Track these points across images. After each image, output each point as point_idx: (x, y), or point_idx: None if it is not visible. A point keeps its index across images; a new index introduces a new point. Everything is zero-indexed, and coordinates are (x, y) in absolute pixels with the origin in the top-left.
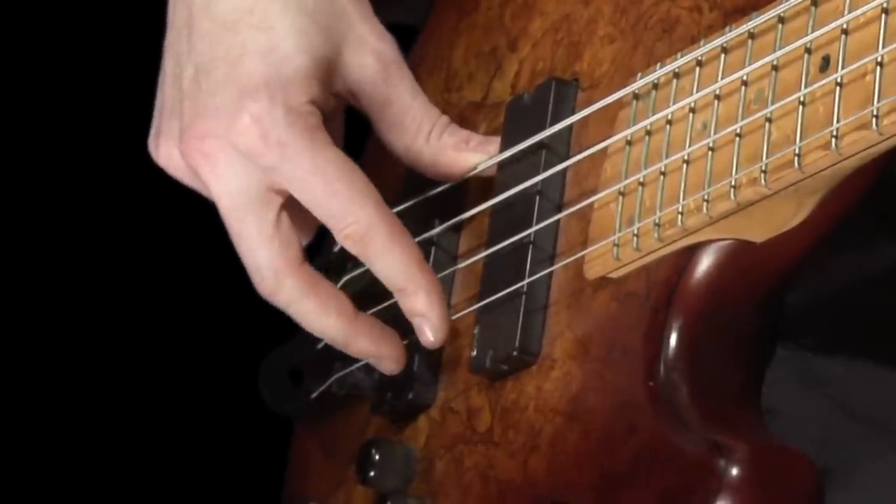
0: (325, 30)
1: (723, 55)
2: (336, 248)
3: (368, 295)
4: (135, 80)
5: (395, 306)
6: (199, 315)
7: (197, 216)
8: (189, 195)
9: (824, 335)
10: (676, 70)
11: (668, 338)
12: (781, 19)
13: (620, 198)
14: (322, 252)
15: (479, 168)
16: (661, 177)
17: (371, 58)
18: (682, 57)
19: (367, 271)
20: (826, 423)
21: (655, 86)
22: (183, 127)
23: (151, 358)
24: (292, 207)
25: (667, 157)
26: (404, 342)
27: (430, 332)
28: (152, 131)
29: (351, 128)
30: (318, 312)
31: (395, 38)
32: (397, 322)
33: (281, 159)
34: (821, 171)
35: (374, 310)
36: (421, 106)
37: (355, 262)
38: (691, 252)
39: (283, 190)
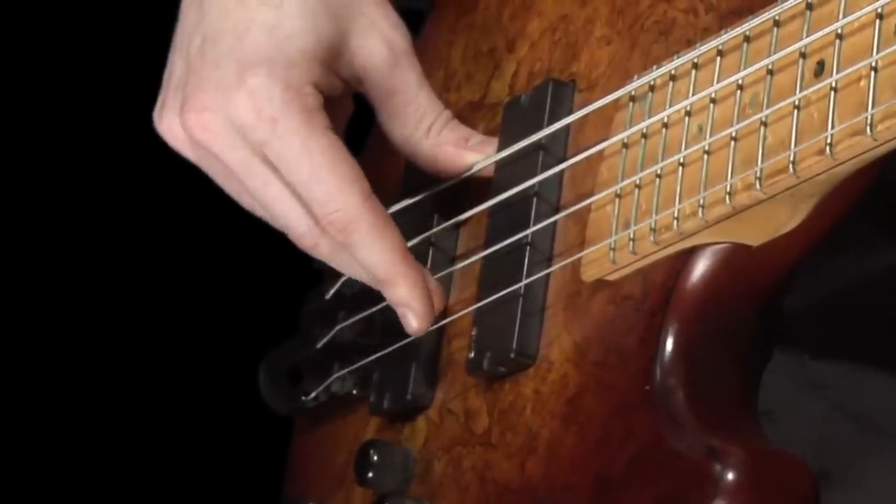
0: (336, 13)
1: (718, 58)
2: None
3: (368, 293)
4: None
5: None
6: (198, 314)
7: (197, 215)
8: (189, 193)
9: (822, 338)
10: (673, 72)
11: (665, 341)
12: (777, 23)
13: (617, 201)
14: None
15: (476, 168)
16: (657, 180)
17: (380, 45)
18: (677, 59)
19: None
20: (823, 425)
21: (652, 88)
22: (184, 99)
23: (151, 357)
24: None
25: (663, 160)
26: (404, 342)
27: (413, 320)
28: (158, 103)
29: (353, 120)
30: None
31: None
32: (397, 322)
33: (271, 136)
34: (816, 176)
35: (375, 308)
36: (425, 98)
37: None
38: (687, 255)
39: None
